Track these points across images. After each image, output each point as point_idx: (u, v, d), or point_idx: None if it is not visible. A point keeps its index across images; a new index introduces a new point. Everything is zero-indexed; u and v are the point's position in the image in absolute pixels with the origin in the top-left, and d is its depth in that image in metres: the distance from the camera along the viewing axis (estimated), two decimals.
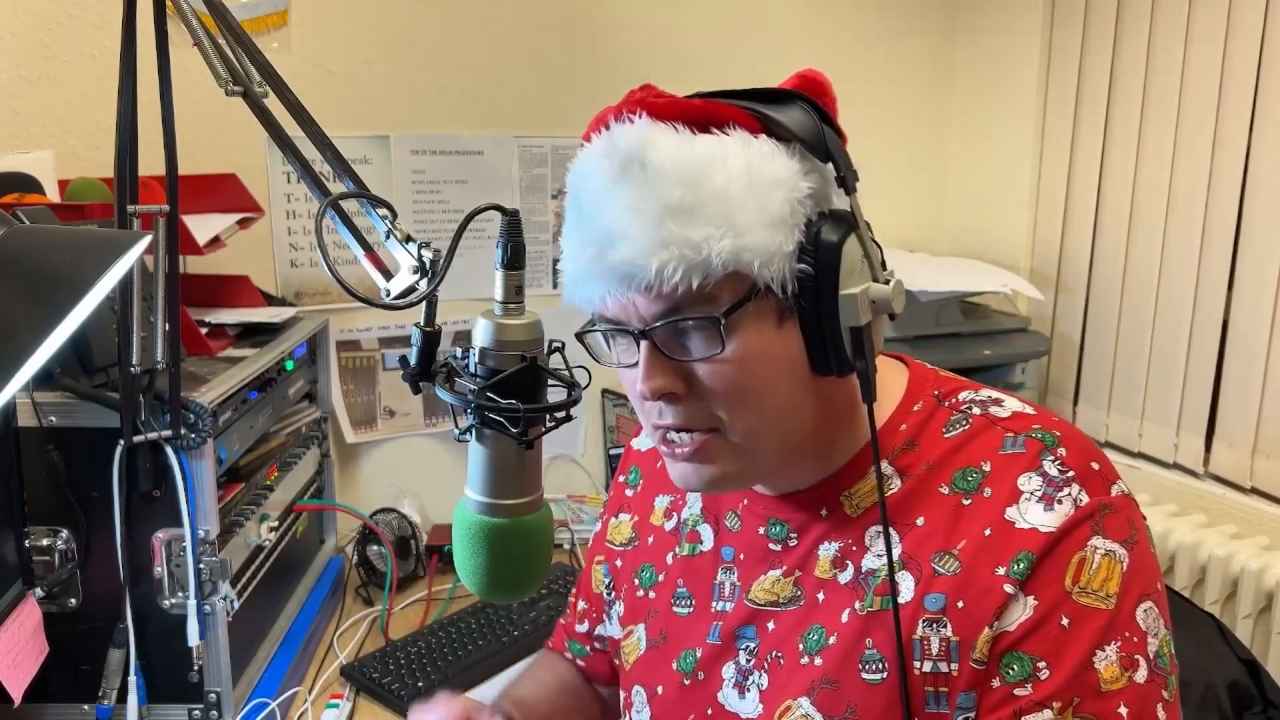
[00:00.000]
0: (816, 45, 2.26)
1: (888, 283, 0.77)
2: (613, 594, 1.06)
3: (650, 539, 1.01)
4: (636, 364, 0.77)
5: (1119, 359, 2.12)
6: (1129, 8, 2.02)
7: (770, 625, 0.86)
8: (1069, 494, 0.75)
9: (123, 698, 1.21)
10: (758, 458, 0.80)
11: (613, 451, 2.05)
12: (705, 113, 0.75)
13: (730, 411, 0.77)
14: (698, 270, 0.72)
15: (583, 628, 1.11)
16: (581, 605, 1.12)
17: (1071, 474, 0.76)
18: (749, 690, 0.86)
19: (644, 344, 0.76)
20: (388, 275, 0.79)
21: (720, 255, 0.71)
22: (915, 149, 2.43)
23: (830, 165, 0.75)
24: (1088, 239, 2.16)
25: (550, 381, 0.73)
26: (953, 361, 1.98)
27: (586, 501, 2.09)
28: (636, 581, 1.00)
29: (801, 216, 0.74)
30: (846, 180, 0.74)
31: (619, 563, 1.04)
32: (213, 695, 1.24)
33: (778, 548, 0.87)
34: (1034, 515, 0.75)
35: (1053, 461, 0.76)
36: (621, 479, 1.08)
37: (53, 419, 1.17)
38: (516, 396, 0.69)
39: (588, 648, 1.12)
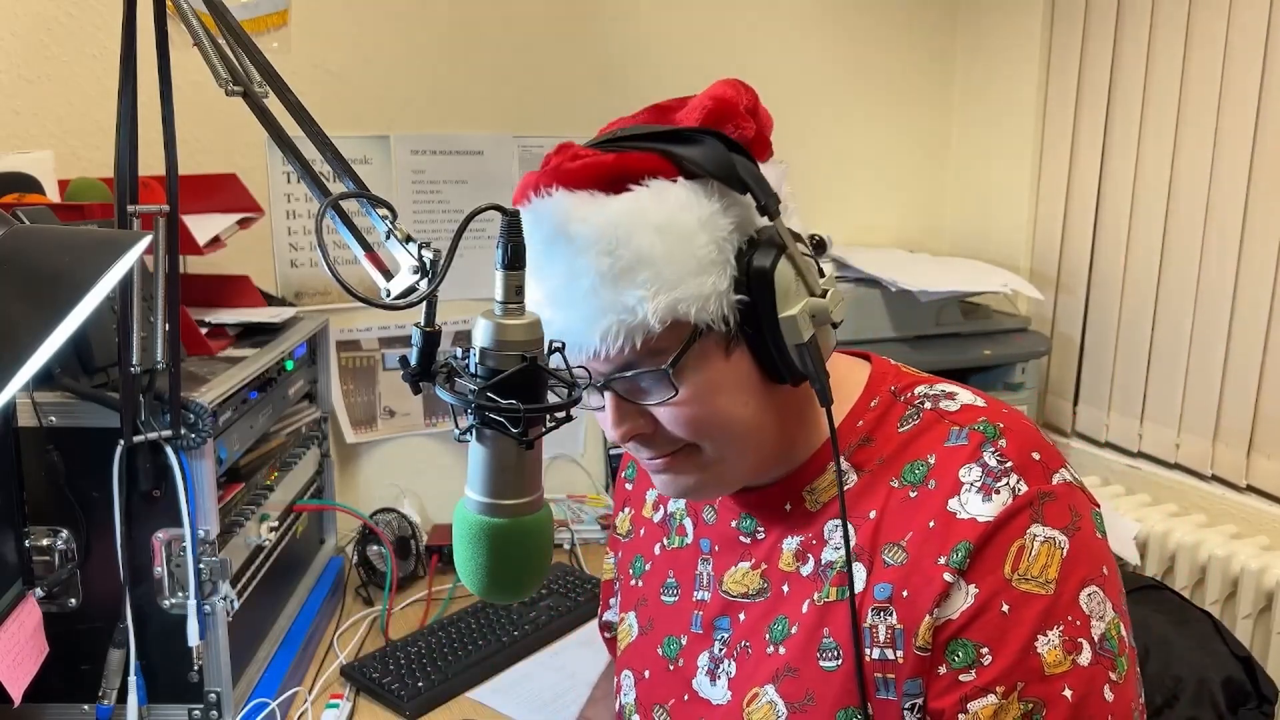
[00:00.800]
0: (816, 45, 2.26)
1: (825, 294, 0.80)
2: (617, 584, 1.11)
3: (642, 531, 1.06)
4: (604, 408, 0.82)
5: (1119, 359, 2.12)
6: (1129, 8, 2.02)
7: (741, 616, 0.90)
8: (1007, 484, 0.76)
9: (123, 698, 1.21)
10: (730, 471, 0.85)
11: (613, 451, 2.05)
12: (619, 170, 0.77)
13: (698, 439, 0.81)
14: (638, 331, 0.75)
15: (605, 616, 1.18)
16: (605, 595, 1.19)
17: (1010, 464, 0.77)
18: (719, 678, 0.90)
19: (607, 394, 0.81)
20: (388, 275, 0.78)
21: (656, 314, 0.75)
22: (915, 149, 2.43)
23: (749, 195, 0.76)
24: (1088, 239, 2.16)
25: (550, 381, 0.73)
26: (953, 361, 1.98)
27: (586, 501, 2.09)
28: (630, 571, 1.05)
29: (730, 250, 0.77)
30: (768, 207, 0.76)
31: (620, 554, 1.10)
32: (213, 695, 1.24)
33: (747, 540, 0.91)
34: (973, 506, 0.77)
35: (992, 453, 0.78)
36: (623, 475, 1.13)
37: (53, 419, 1.17)
38: (516, 397, 0.69)
39: (606, 634, 1.18)
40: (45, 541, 1.20)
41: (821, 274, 0.81)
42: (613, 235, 0.75)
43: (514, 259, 0.70)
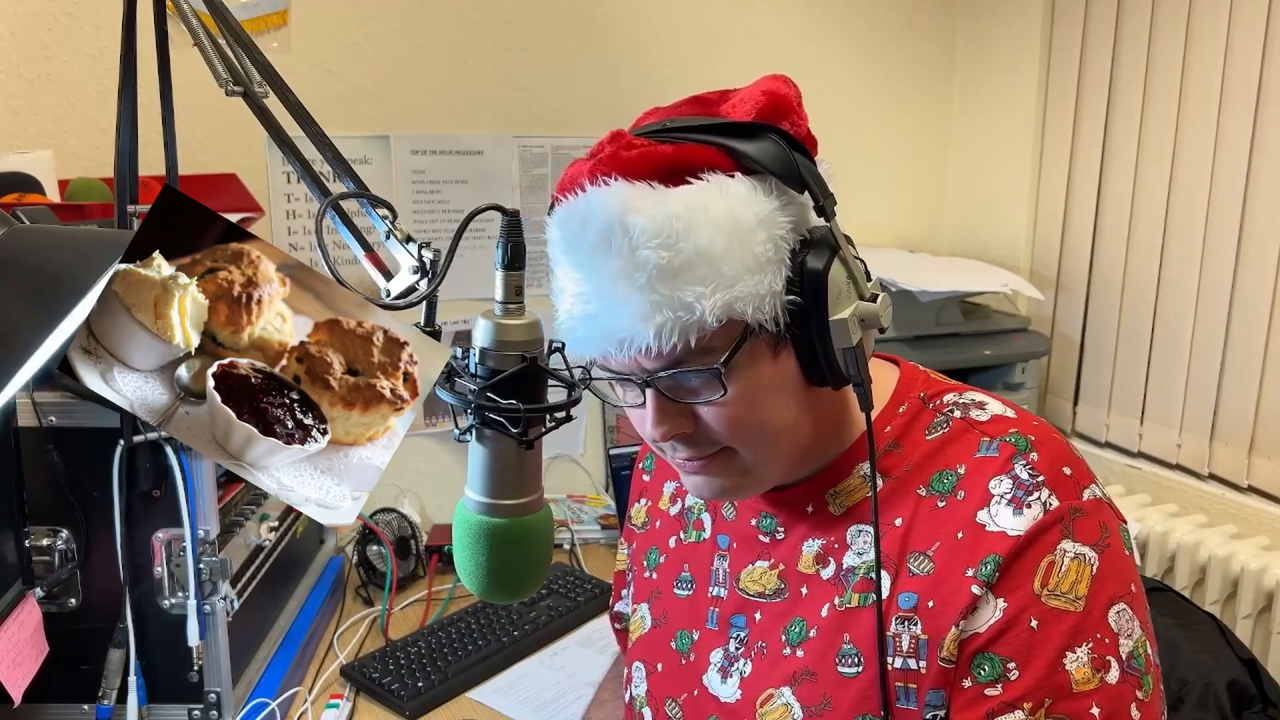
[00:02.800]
0: (816, 45, 2.26)
1: (874, 298, 0.78)
2: (630, 574, 1.11)
3: (658, 523, 1.05)
4: (643, 404, 0.80)
5: (1119, 359, 2.12)
6: (1129, 7, 2.02)
7: (757, 615, 0.89)
8: (1038, 498, 0.76)
9: (123, 698, 1.21)
10: (764, 474, 0.84)
11: (613, 451, 2.05)
12: (678, 161, 0.74)
13: (737, 442, 0.80)
14: (693, 328, 0.73)
15: (617, 607, 1.18)
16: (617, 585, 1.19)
17: (1041, 478, 0.77)
18: (731, 676, 0.90)
19: (650, 391, 0.78)
20: (388, 275, 0.79)
21: (713, 311, 0.73)
22: (915, 149, 2.43)
23: (806, 194, 0.75)
24: (1088, 239, 2.16)
25: (550, 381, 0.73)
26: (953, 362, 1.98)
27: (586, 501, 2.09)
28: (645, 563, 1.05)
29: (785, 250, 0.75)
30: (825, 209, 0.75)
31: (634, 545, 1.09)
32: (213, 695, 1.24)
33: (766, 539, 0.91)
34: (1003, 518, 0.76)
35: (1024, 465, 0.78)
36: (640, 465, 1.13)
37: (53, 419, 1.17)
38: (516, 396, 0.69)
39: (617, 625, 1.18)
40: (45, 541, 1.20)
41: (869, 277, 0.79)
42: (673, 229, 0.72)
43: (514, 259, 0.70)
